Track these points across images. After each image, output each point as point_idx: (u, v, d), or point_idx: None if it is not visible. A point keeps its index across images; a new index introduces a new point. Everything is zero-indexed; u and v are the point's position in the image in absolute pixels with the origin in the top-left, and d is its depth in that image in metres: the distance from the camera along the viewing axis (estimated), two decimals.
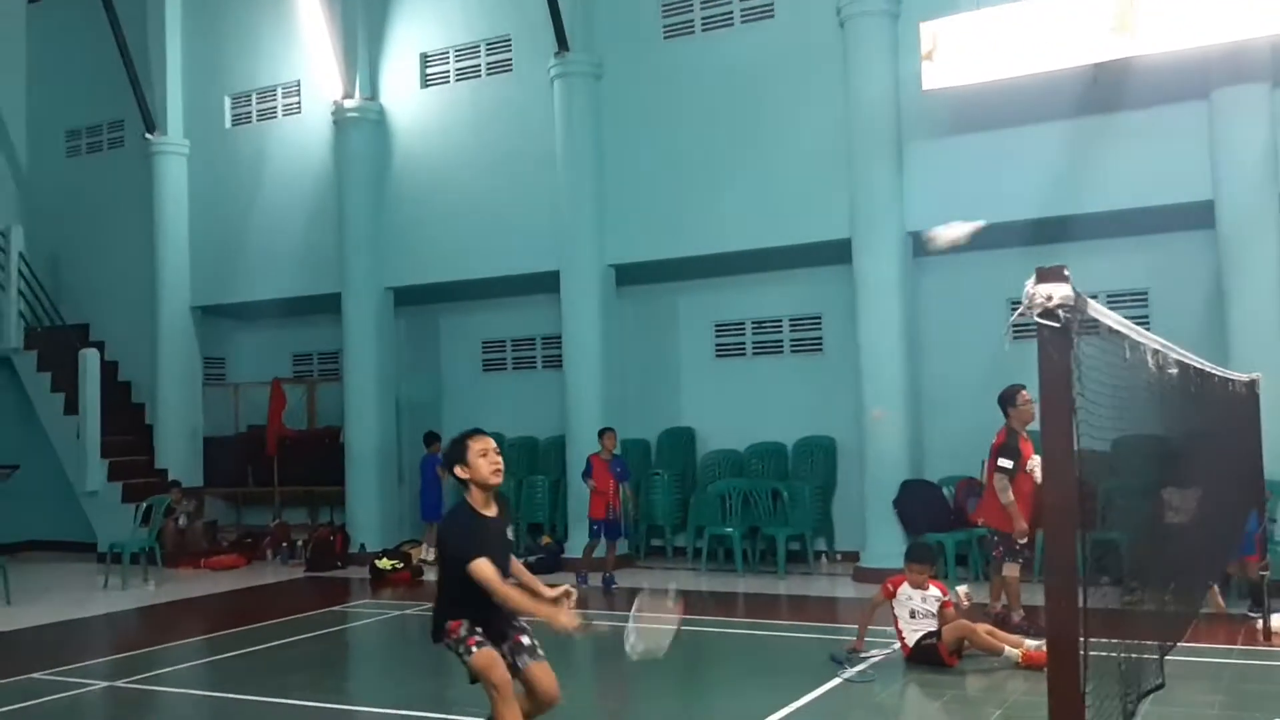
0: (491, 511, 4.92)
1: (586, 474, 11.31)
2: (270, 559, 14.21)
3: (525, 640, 4.99)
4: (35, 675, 7.97)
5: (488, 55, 13.57)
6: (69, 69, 16.74)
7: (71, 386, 14.65)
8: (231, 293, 15.35)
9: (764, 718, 6.22)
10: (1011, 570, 8.25)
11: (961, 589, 7.54)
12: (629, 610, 5.00)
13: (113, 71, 15.35)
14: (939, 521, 10.71)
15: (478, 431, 4.98)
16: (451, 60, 13.80)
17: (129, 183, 15.88)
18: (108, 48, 15.17)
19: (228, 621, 10.19)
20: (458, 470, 4.89)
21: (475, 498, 4.89)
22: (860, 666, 7.20)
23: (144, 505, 13.20)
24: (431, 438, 13.35)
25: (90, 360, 14.50)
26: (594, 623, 5.13)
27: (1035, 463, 8.20)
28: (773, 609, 9.83)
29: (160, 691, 7.62)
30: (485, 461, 4.83)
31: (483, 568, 4.68)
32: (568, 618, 4.71)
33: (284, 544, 14.22)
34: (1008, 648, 7.12)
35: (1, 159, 16.83)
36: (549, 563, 12.24)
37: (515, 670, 4.91)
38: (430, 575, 12.46)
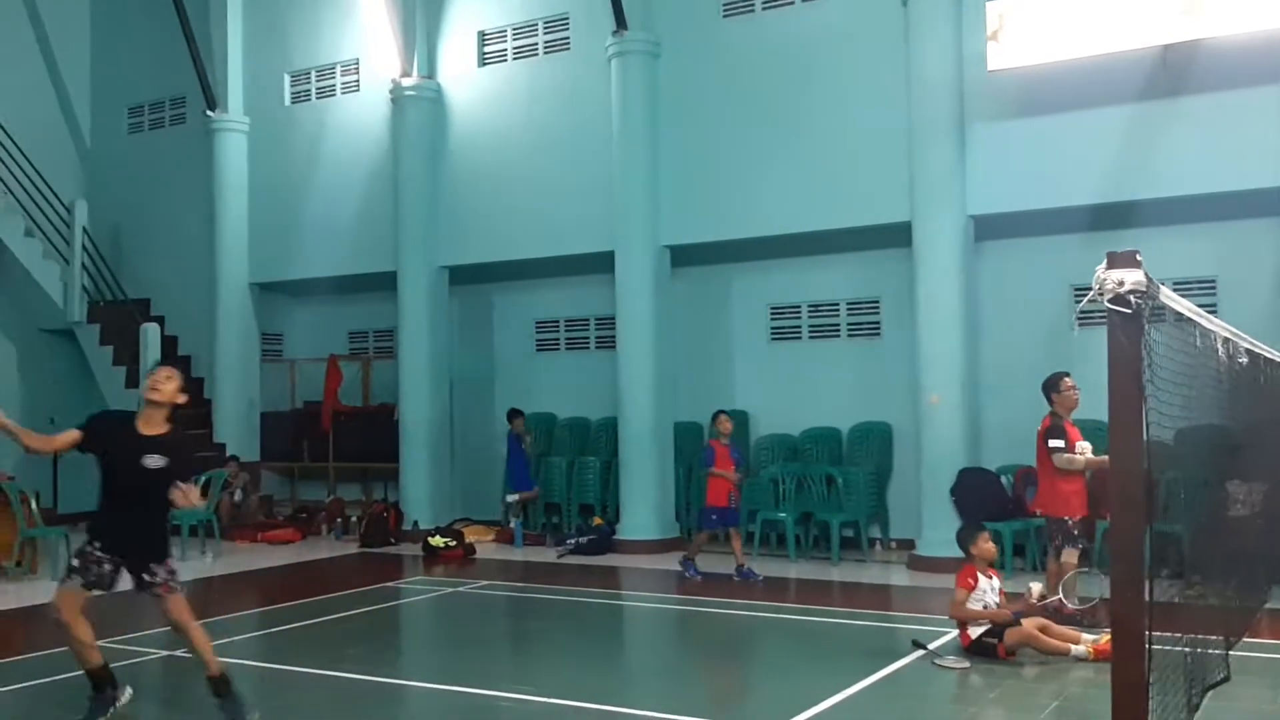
0: (150, 431, 5.71)
1: (709, 461, 10.69)
2: (325, 534, 14.37)
3: (147, 576, 5.88)
4: (98, 643, 8.10)
5: (545, 34, 13.53)
6: (132, 46, 16.96)
7: (133, 360, 14.89)
8: (289, 270, 15.50)
9: (819, 703, 6.17)
10: (1070, 557, 8.13)
11: (1035, 585, 7.38)
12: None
13: (175, 48, 15.53)
14: (997, 510, 10.56)
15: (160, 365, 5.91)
16: (509, 39, 13.79)
17: (190, 159, 16.07)
18: (170, 25, 15.34)
19: (283, 594, 10.32)
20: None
21: (142, 413, 5.79)
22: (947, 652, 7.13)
23: (202, 478, 13.42)
24: (514, 413, 13.44)
25: (151, 334, 14.73)
26: None
27: (1084, 447, 8.09)
28: (826, 595, 9.76)
29: (219, 659, 7.72)
30: (150, 379, 5.73)
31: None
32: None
33: (338, 519, 14.38)
34: (1073, 646, 6.98)
35: (67, 135, 17.10)
36: (600, 544, 12.26)
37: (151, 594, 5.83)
38: (484, 553, 12.54)
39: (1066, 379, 8.27)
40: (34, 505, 11.55)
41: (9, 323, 15.70)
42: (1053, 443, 8.07)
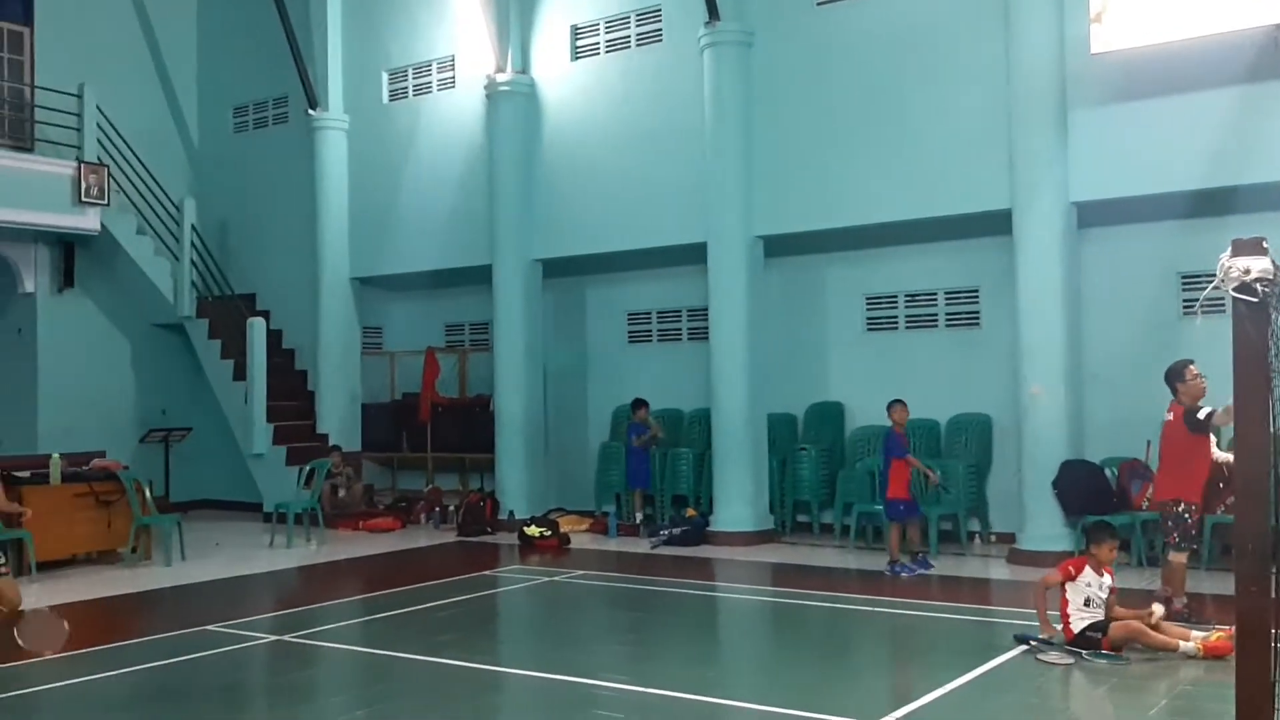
0: None
1: (903, 450, 10.34)
2: (423, 523, 14.63)
3: None
4: (209, 627, 8.41)
5: (638, 26, 13.55)
6: (236, 48, 17.43)
7: (240, 353, 15.33)
8: (387, 264, 15.79)
9: (919, 698, 6.10)
10: (1179, 556, 7.91)
11: (1158, 609, 7.16)
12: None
13: (277, 49, 15.93)
14: (1100, 504, 10.29)
15: None
16: (602, 32, 13.84)
17: (292, 157, 16.47)
18: (273, 26, 15.74)
19: (384, 582, 10.55)
20: None
21: None
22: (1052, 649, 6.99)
23: (306, 468, 13.78)
24: (638, 404, 13.55)
25: (257, 328, 15.14)
26: None
27: (1212, 440, 7.86)
28: (924, 589, 9.62)
29: (322, 646, 7.94)
30: None
31: None
32: None
33: (436, 508, 14.63)
34: (1181, 642, 6.80)
35: (175, 136, 17.65)
36: (694, 535, 12.27)
37: None
38: (578, 543, 12.64)
39: (1191, 366, 8.01)
40: (148, 494, 11.96)
41: (124, 318, 16.28)
42: (1201, 413, 7.77)
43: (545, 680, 6.85)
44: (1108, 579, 7.09)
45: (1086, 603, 7.00)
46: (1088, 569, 7.06)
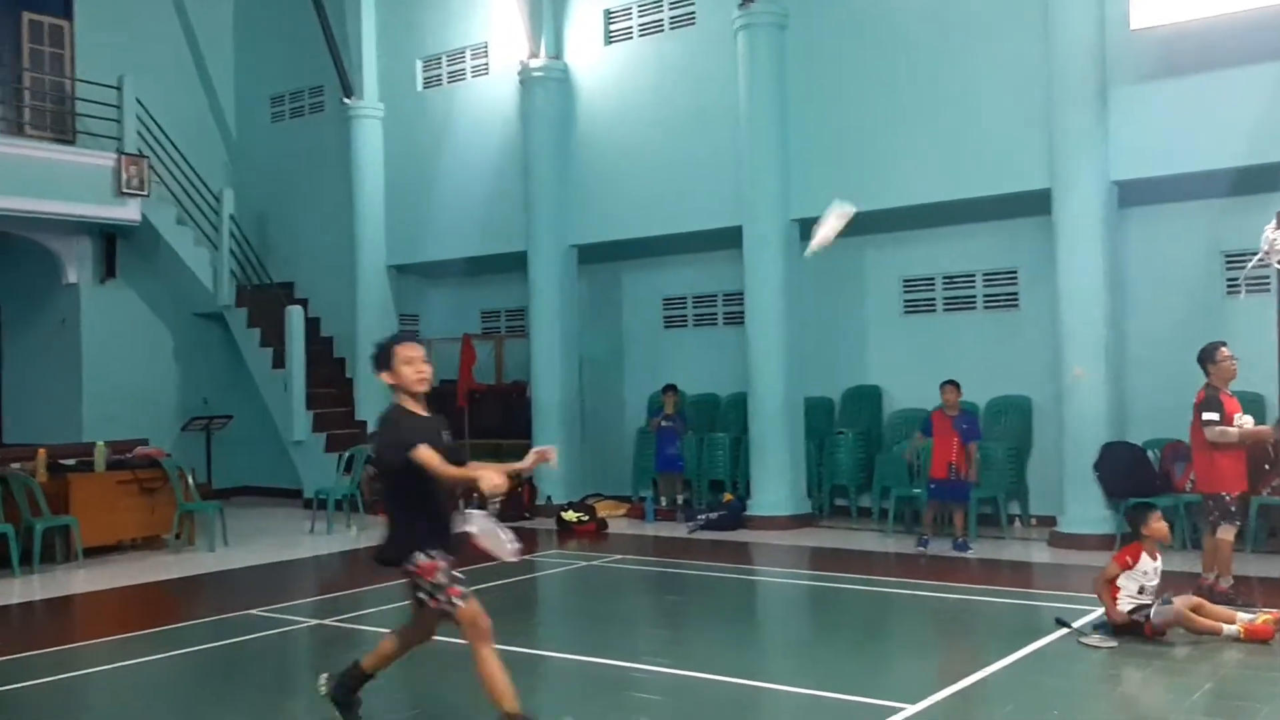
0: (424, 413, 5.16)
1: (926, 430, 10.77)
2: (462, 508, 14.66)
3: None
4: (252, 612, 8.52)
5: (671, 9, 13.49)
6: (272, 38, 17.53)
7: (279, 341, 15.47)
8: (423, 252, 15.86)
9: (959, 680, 6.08)
10: (1226, 534, 7.80)
11: (1228, 629, 7.03)
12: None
13: (313, 39, 16.01)
14: (1143, 486, 10.18)
15: (405, 338, 5.34)
16: (635, 16, 13.79)
17: (329, 146, 16.57)
18: (308, 16, 15.82)
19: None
20: (384, 376, 5.18)
21: (406, 402, 5.16)
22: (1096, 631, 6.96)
23: (346, 455, 13.91)
24: (667, 389, 13.60)
25: (295, 317, 15.27)
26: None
27: (1244, 420, 7.76)
28: (963, 573, 9.57)
29: (363, 630, 8.01)
30: (410, 369, 5.12)
31: (425, 452, 4.84)
32: (497, 476, 4.84)
33: (475, 494, 14.66)
34: (1225, 625, 6.71)
35: (213, 126, 17.81)
36: (731, 520, 12.27)
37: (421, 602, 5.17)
38: (616, 528, 12.68)
39: (1223, 349, 7.92)
40: (190, 481, 12.12)
41: (165, 308, 16.47)
42: (1206, 415, 7.74)
43: (583, 663, 6.89)
44: (1159, 563, 7.01)
45: (1140, 590, 6.91)
46: (1144, 556, 6.96)
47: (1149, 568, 6.95)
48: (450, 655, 7.12)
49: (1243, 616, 6.80)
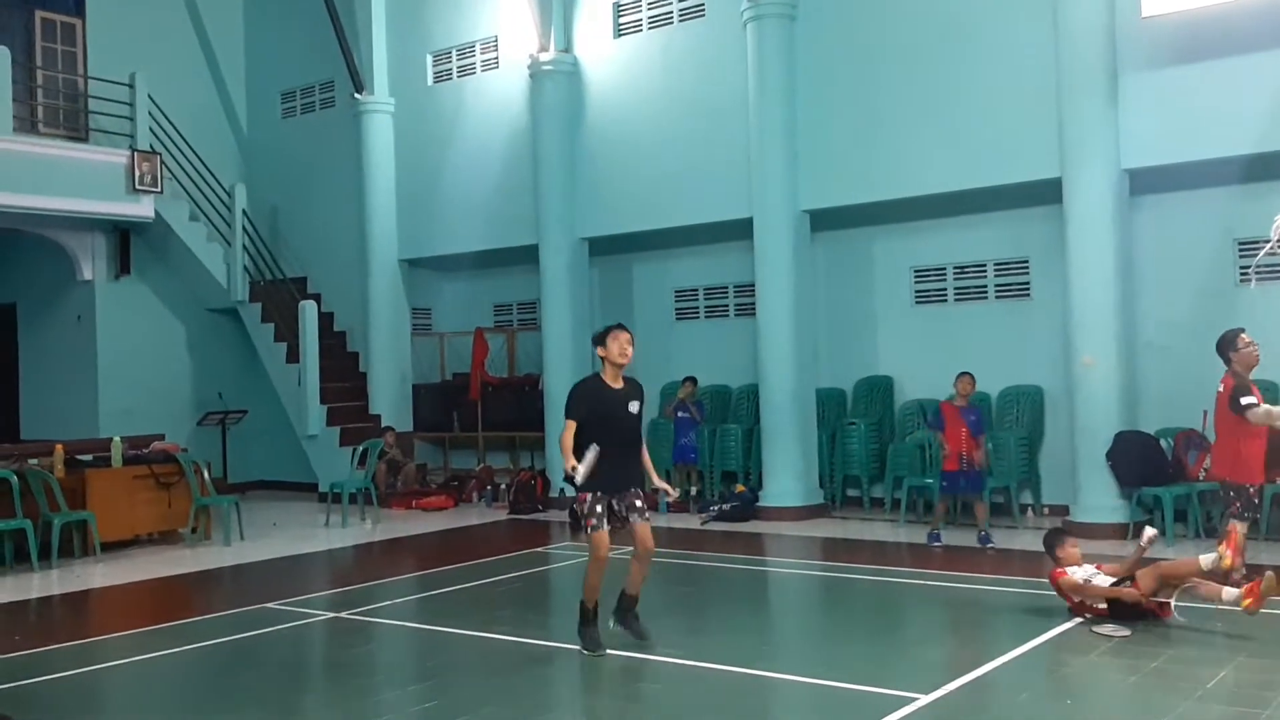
0: (618, 385, 6.80)
1: (936, 424, 10.55)
2: (475, 501, 14.78)
3: (638, 503, 6.81)
4: (268, 605, 8.58)
5: (680, 1, 13.48)
6: (282, 33, 17.59)
7: (293, 336, 15.55)
8: (435, 245, 15.91)
9: (972, 670, 6.10)
10: (1240, 528, 7.78)
11: (1148, 531, 7.19)
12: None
13: (323, 34, 16.07)
14: (1156, 475, 10.18)
15: (620, 326, 6.93)
16: (644, 8, 13.79)
17: (340, 141, 16.62)
18: (318, 11, 15.88)
19: (437, 559, 10.70)
20: (599, 350, 6.84)
21: (605, 373, 6.77)
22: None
23: (360, 448, 13.98)
24: (687, 380, 13.65)
25: (309, 312, 15.34)
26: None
27: (1271, 410, 7.70)
28: (976, 563, 9.58)
29: (379, 623, 8.07)
30: (615, 346, 6.79)
31: (567, 428, 6.61)
32: (567, 465, 6.49)
33: (488, 486, 14.78)
34: (1225, 589, 6.75)
35: (225, 123, 17.88)
36: (743, 511, 12.29)
37: (626, 522, 6.77)
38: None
39: (1244, 335, 7.81)
40: (206, 475, 12.20)
41: (179, 304, 16.56)
42: (1245, 399, 7.62)
43: (597, 654, 6.91)
44: (1089, 567, 7.22)
45: (1085, 583, 7.09)
46: (1069, 569, 7.18)
47: (1078, 570, 7.18)
48: (462, 647, 7.17)
49: (1231, 591, 6.82)
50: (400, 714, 5.76)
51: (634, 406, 6.81)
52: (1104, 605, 6.97)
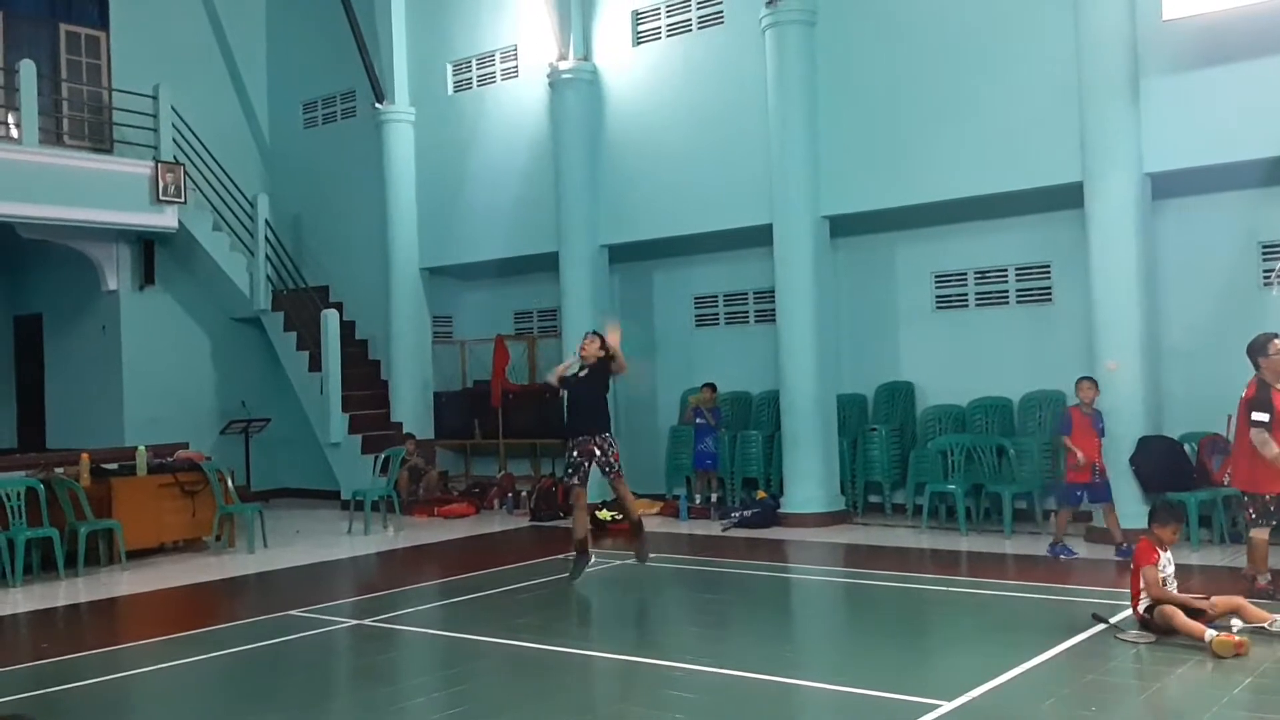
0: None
1: (1066, 429, 9.92)
2: (497, 508, 14.82)
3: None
4: (292, 612, 8.64)
5: (699, 9, 13.51)
6: (304, 44, 17.72)
7: (315, 345, 15.65)
8: (456, 254, 15.97)
9: (995, 677, 6.07)
10: (1260, 534, 7.74)
11: (1235, 623, 6.91)
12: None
13: (344, 44, 16.18)
14: (1180, 480, 10.11)
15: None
16: (663, 16, 13.83)
17: (361, 150, 16.72)
18: (339, 21, 15.99)
19: (460, 567, 10.73)
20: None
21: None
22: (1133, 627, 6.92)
23: (382, 456, 14.05)
24: (705, 386, 13.68)
25: (331, 320, 15.44)
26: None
27: None
28: (999, 569, 9.55)
29: (402, 630, 8.11)
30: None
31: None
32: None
33: (509, 494, 14.81)
34: (1208, 631, 6.50)
35: (248, 133, 18.02)
36: (764, 518, 12.27)
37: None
38: (649, 526, 12.70)
39: (1276, 340, 7.72)
40: (230, 483, 12.29)
41: (203, 313, 16.69)
42: (1256, 415, 7.54)
43: (620, 662, 6.93)
44: (1169, 553, 7.01)
45: (1163, 584, 6.89)
46: (1159, 550, 6.93)
47: (1166, 560, 6.92)
48: (486, 654, 7.20)
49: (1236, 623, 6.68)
50: None
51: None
52: (1145, 610, 6.88)
